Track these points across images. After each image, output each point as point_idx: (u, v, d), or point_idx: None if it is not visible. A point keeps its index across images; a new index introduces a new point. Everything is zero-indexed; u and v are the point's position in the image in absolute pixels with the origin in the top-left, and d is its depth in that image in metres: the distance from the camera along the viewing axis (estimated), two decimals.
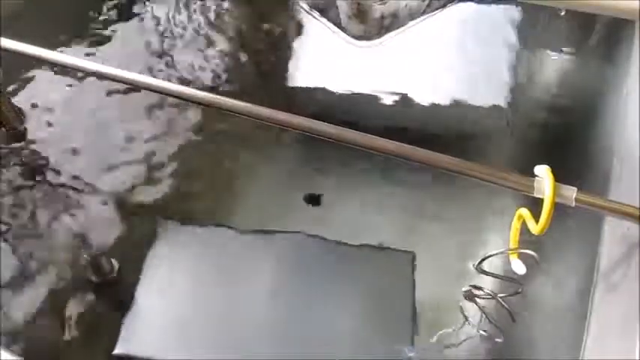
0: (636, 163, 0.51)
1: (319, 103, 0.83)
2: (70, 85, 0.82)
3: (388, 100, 0.80)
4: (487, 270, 0.52)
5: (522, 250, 0.48)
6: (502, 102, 0.80)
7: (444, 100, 0.81)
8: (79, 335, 0.66)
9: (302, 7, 0.69)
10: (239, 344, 0.65)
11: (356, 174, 0.80)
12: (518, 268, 0.46)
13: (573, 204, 0.41)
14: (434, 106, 0.81)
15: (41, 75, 0.80)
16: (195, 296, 0.68)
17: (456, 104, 0.80)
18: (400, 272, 0.72)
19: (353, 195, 0.78)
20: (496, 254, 0.49)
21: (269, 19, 0.85)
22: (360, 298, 0.69)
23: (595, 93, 0.78)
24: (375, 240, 0.74)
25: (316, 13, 0.68)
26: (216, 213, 0.76)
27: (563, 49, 0.89)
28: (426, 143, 0.79)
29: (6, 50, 0.50)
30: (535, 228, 0.42)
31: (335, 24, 0.67)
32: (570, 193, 0.41)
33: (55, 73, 0.81)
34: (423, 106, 0.81)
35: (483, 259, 0.50)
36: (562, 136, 0.79)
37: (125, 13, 0.88)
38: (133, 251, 0.71)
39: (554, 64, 0.88)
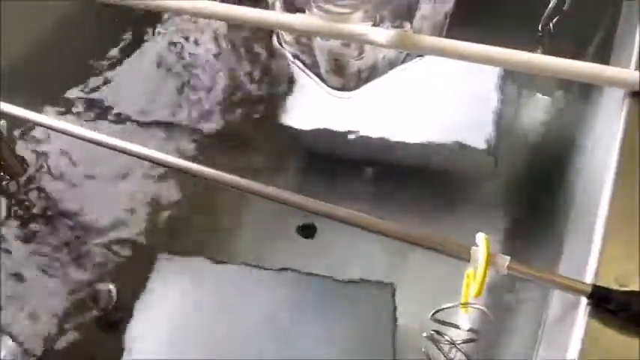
0: (587, 223, 0.54)
1: (303, 145, 0.88)
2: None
3: (371, 141, 0.84)
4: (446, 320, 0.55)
5: (473, 305, 0.52)
6: (484, 144, 0.84)
7: (425, 140, 0.84)
8: None
9: (287, 57, 0.74)
10: None
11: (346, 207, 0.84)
12: (464, 322, 0.50)
13: (505, 272, 0.44)
14: (416, 145, 0.84)
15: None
16: (189, 329, 0.72)
17: (436, 144, 0.84)
18: (381, 304, 0.76)
19: (343, 226, 0.82)
20: (449, 308, 0.53)
21: (257, 66, 0.91)
22: (342, 332, 0.72)
23: (569, 141, 0.80)
24: (364, 271, 0.78)
25: (299, 64, 0.72)
26: (211, 245, 0.81)
27: (548, 93, 0.92)
28: (410, 181, 0.84)
29: (5, 114, 0.55)
30: (473, 291, 0.46)
31: (316, 74, 0.71)
32: (503, 261, 0.44)
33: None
34: (407, 146, 0.85)
35: (437, 311, 0.53)
36: (537, 181, 0.82)
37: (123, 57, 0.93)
38: (130, 283, 0.75)
39: (537, 109, 0.91)
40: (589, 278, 0.46)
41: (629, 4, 0.75)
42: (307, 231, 0.84)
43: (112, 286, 0.74)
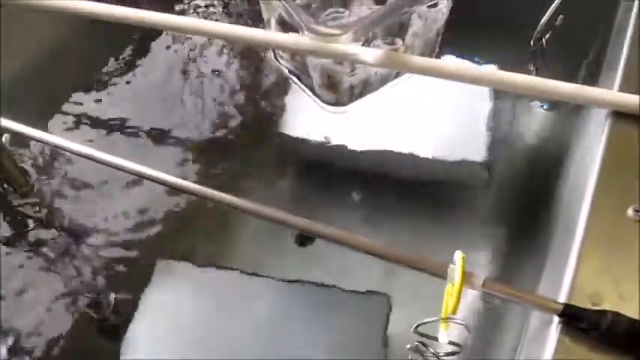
0: (567, 240, 0.55)
1: (300, 156, 0.90)
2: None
3: (366, 153, 0.86)
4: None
5: (454, 320, 0.53)
6: (478, 157, 0.85)
7: (419, 153, 0.86)
8: None
9: (283, 71, 0.76)
10: None
11: (342, 218, 0.86)
12: (442, 337, 0.52)
13: (480, 291, 0.46)
14: (411, 158, 0.86)
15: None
16: (187, 335, 0.75)
17: (431, 158, 0.86)
18: (374, 315, 0.78)
19: None
20: (430, 322, 0.54)
21: (256, 79, 0.93)
22: (335, 341, 0.74)
23: (563, 155, 0.82)
24: (360, 279, 0.79)
25: (295, 79, 0.74)
26: (209, 252, 0.83)
27: (542, 105, 0.93)
28: (404, 193, 0.86)
29: (6, 131, 0.57)
30: (450, 307, 0.48)
31: (310, 89, 0.73)
32: (478, 280, 0.46)
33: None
34: (401, 158, 0.87)
35: (418, 325, 0.55)
36: (531, 195, 0.84)
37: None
38: (129, 290, 0.78)
39: (532, 122, 0.93)
40: (563, 296, 0.48)
41: (622, 21, 0.76)
42: (305, 238, 0.86)
43: (111, 293, 0.76)
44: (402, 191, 0.87)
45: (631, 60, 0.65)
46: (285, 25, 0.68)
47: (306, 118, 0.88)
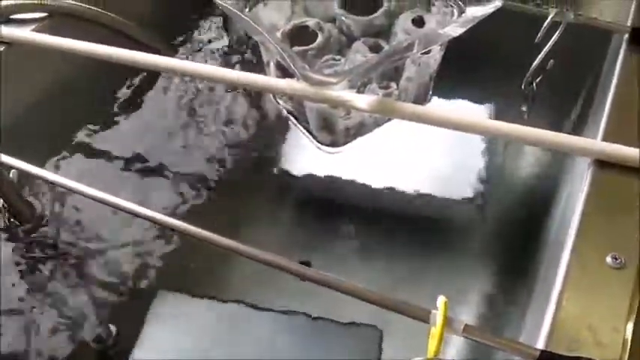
0: (548, 284, 0.57)
1: (297, 192, 0.92)
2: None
3: (360, 188, 0.89)
4: None
5: None
6: (471, 195, 0.87)
7: (413, 190, 0.89)
8: None
9: (282, 112, 0.78)
10: None
11: (336, 253, 0.88)
12: None
13: (461, 335, 0.48)
14: (407, 194, 0.89)
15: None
16: None
17: (425, 194, 0.88)
18: (366, 349, 0.79)
19: (339, 264, 0.86)
20: None
21: (255, 118, 0.96)
22: None
23: (554, 190, 0.84)
24: (355, 311, 0.81)
25: (293, 119, 0.77)
26: (208, 283, 0.85)
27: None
28: (397, 229, 0.88)
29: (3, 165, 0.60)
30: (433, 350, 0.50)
31: (307, 130, 0.76)
32: (458, 326, 0.48)
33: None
34: (398, 195, 0.89)
35: None
36: (523, 235, 0.86)
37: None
38: (129, 320, 0.80)
39: (527, 159, 0.95)
40: (542, 341, 0.50)
41: (607, 72, 0.79)
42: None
43: (111, 324, 0.78)
44: (395, 227, 0.89)
45: (614, 110, 0.68)
46: (284, 68, 0.71)
47: (303, 156, 0.91)
